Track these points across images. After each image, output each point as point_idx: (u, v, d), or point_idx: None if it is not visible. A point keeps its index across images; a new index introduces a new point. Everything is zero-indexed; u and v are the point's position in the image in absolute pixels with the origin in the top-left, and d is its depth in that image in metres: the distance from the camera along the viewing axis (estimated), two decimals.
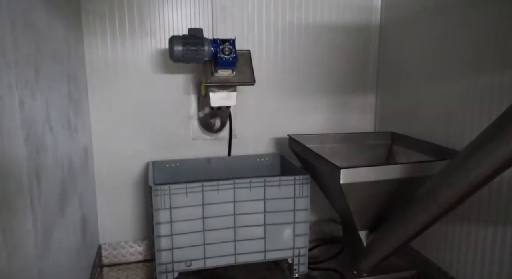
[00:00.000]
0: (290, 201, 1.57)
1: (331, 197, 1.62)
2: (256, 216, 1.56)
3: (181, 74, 1.82)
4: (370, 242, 1.49)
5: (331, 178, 1.36)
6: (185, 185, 1.47)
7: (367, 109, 2.07)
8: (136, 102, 1.79)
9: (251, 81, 1.55)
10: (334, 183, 1.34)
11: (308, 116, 2.01)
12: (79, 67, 1.58)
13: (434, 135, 1.65)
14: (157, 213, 1.46)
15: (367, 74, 2.04)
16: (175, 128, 1.86)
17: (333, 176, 1.32)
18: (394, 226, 1.35)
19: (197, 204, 1.49)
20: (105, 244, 1.87)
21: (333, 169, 1.30)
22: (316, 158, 1.48)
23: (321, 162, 1.42)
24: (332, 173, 1.33)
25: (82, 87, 1.64)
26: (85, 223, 1.54)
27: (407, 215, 1.28)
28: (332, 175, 1.32)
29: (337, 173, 1.28)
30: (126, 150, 1.82)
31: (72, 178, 1.34)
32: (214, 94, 1.55)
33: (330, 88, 2.01)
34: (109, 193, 1.83)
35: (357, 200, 1.37)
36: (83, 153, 1.58)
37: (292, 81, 1.96)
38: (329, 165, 1.34)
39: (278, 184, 1.55)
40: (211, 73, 1.51)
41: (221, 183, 1.50)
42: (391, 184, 1.34)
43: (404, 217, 1.30)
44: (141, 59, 1.77)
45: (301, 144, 1.65)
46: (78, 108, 1.51)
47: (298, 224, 1.59)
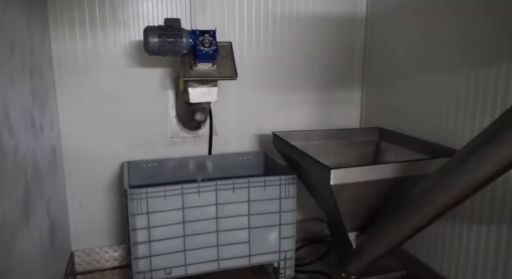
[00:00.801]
0: (275, 202, 1.49)
1: (319, 197, 1.54)
2: (240, 219, 1.47)
3: (157, 68, 1.70)
4: (360, 244, 1.42)
5: (320, 178, 1.28)
6: (163, 187, 1.37)
7: (352, 104, 2.00)
8: (109, 99, 1.67)
9: (233, 75, 1.45)
10: (323, 184, 1.27)
11: (292, 111, 1.92)
12: (44, 62, 1.45)
13: (424, 132, 1.59)
14: (133, 218, 1.35)
15: (352, 68, 1.97)
16: (151, 126, 1.75)
17: (322, 177, 1.24)
18: (386, 227, 1.28)
19: (177, 207, 1.39)
20: (78, 250, 1.75)
21: (323, 169, 1.22)
22: (303, 157, 1.39)
23: (309, 161, 1.34)
24: (321, 174, 1.25)
25: (49, 83, 1.51)
26: (54, 230, 1.42)
27: (400, 217, 1.21)
28: (322, 175, 1.24)
29: (327, 173, 1.19)
30: (99, 149, 1.70)
31: (38, 182, 1.22)
32: (193, 90, 1.44)
33: (314, 82, 1.93)
34: (82, 196, 1.71)
35: (348, 201, 1.29)
36: (51, 155, 1.46)
37: (275, 75, 1.87)
38: (318, 165, 1.26)
39: (263, 184, 1.47)
40: (190, 66, 1.40)
41: (202, 185, 1.41)
42: (384, 183, 1.27)
43: (397, 219, 1.23)
44: (114, 52, 1.64)
45: (286, 142, 1.57)
46: (44, 106, 1.39)
47: (284, 226, 1.51)
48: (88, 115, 1.66)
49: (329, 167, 1.19)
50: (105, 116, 1.68)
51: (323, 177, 1.22)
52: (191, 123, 1.73)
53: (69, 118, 1.64)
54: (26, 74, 1.17)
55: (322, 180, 1.25)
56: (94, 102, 1.66)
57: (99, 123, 1.68)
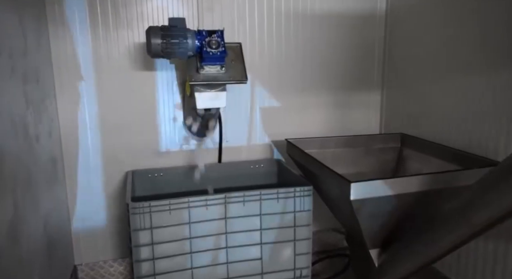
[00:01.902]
0: (289, 216, 1.37)
1: (337, 210, 1.42)
2: (251, 234, 1.35)
3: (163, 71, 1.60)
4: (384, 262, 1.29)
5: (338, 192, 1.16)
6: (168, 201, 1.26)
7: (371, 107, 1.87)
8: (113, 103, 1.57)
9: (243, 78, 1.34)
10: (342, 198, 1.14)
11: (307, 115, 1.80)
12: (42, 64, 1.36)
13: (451, 138, 1.45)
14: (135, 234, 1.25)
15: (371, 68, 1.84)
16: (158, 133, 1.65)
17: (341, 191, 1.12)
18: (413, 246, 1.15)
19: (183, 222, 1.29)
20: (81, 264, 1.66)
21: (342, 182, 1.10)
22: (320, 167, 1.27)
23: (326, 172, 1.22)
24: (340, 187, 1.12)
25: (48, 88, 1.42)
26: (52, 245, 1.33)
27: (430, 236, 1.09)
28: (340, 189, 1.12)
29: (346, 187, 1.07)
30: (103, 158, 1.60)
31: (31, 197, 1.13)
32: (200, 94, 1.34)
33: (331, 84, 1.81)
34: (85, 207, 1.62)
35: (369, 216, 1.17)
36: (49, 165, 1.36)
37: (289, 78, 1.75)
38: (336, 177, 1.14)
39: (276, 197, 1.35)
40: (197, 70, 1.30)
41: (210, 197, 1.30)
42: (410, 197, 1.14)
43: (426, 238, 1.10)
44: (117, 55, 1.54)
45: (301, 150, 1.45)
46: (41, 112, 1.29)
47: (299, 241, 1.39)
48: (91, 121, 1.56)
49: (349, 180, 1.07)
50: (108, 122, 1.58)
51: (342, 191, 1.10)
52: (200, 129, 1.62)
53: (70, 124, 1.54)
54: (17, 77, 1.07)
55: (341, 194, 1.13)
56: (97, 107, 1.56)
57: (102, 129, 1.58)
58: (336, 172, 1.14)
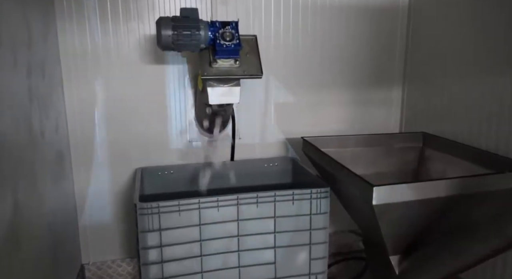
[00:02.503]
0: (305, 219, 1.30)
1: (356, 214, 1.35)
2: (265, 237, 1.29)
3: (175, 65, 1.53)
4: (405, 270, 1.22)
5: (359, 195, 1.09)
6: (177, 201, 1.20)
7: (392, 105, 1.79)
8: (122, 98, 1.52)
9: (258, 73, 1.27)
10: (363, 201, 1.07)
11: (324, 112, 1.73)
12: (49, 58, 1.31)
13: (478, 138, 1.36)
14: (143, 236, 1.19)
15: (392, 63, 1.75)
16: (168, 129, 1.59)
17: (362, 194, 1.04)
18: (439, 255, 1.08)
19: (193, 224, 1.22)
20: (89, 263, 1.61)
21: (363, 185, 1.02)
22: (339, 168, 1.20)
23: (346, 174, 1.14)
24: (361, 190, 1.05)
25: (55, 81, 1.37)
26: (58, 245, 1.28)
27: (457, 245, 1.01)
28: (362, 192, 1.05)
29: (368, 191, 1.00)
30: (111, 154, 1.55)
31: (34, 196, 1.07)
32: (212, 90, 1.27)
33: (349, 79, 1.72)
34: (93, 205, 1.57)
35: (392, 222, 1.09)
36: (55, 162, 1.31)
37: (306, 72, 1.68)
38: (358, 180, 1.06)
39: (291, 198, 1.28)
40: (209, 63, 1.23)
41: (221, 198, 1.23)
42: (437, 202, 1.06)
43: (454, 247, 1.03)
44: (126, 48, 1.48)
45: (318, 150, 1.37)
46: (47, 107, 1.24)
47: (315, 245, 1.32)
48: (99, 116, 1.51)
49: (372, 184, 0.99)
50: (117, 117, 1.52)
51: (364, 194, 1.03)
52: (212, 125, 1.55)
53: (79, 120, 1.49)
54: (20, 70, 1.02)
55: (362, 198, 1.06)
56: (106, 102, 1.51)
57: (111, 125, 1.52)
58: (358, 175, 1.06)
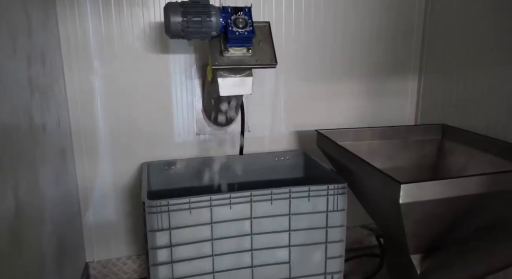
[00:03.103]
0: (321, 216, 1.24)
1: (375, 210, 1.28)
2: (279, 236, 1.22)
3: (182, 54, 1.46)
4: (428, 270, 1.16)
5: (383, 192, 1.02)
6: (188, 199, 1.13)
7: (407, 95, 1.71)
8: (126, 89, 1.44)
9: (272, 62, 1.19)
10: (387, 199, 1.01)
11: (336, 104, 1.66)
12: (49, 46, 1.23)
13: (501, 130, 1.30)
14: (152, 235, 1.13)
15: (408, 51, 1.67)
16: (175, 121, 1.51)
17: (387, 192, 0.98)
18: (467, 256, 1.02)
19: (204, 222, 1.16)
20: (93, 261, 1.55)
21: (389, 183, 0.96)
22: (359, 164, 1.13)
23: (368, 170, 1.08)
24: (385, 188, 0.98)
25: (56, 71, 1.29)
26: (63, 243, 1.22)
27: (487, 246, 0.95)
28: (386, 190, 0.98)
29: (394, 189, 0.93)
30: (115, 148, 1.48)
31: (35, 196, 1.00)
32: (223, 80, 1.19)
33: (362, 70, 1.65)
34: (97, 202, 1.50)
35: (417, 220, 1.03)
36: (57, 157, 1.24)
37: (317, 62, 1.60)
38: (383, 177, 0.99)
39: (307, 195, 1.21)
40: (220, 52, 1.15)
41: (234, 195, 1.17)
42: (466, 200, 0.99)
43: (483, 247, 0.96)
44: (131, 36, 1.41)
45: (335, 143, 1.31)
46: (48, 99, 1.17)
47: (332, 244, 1.26)
48: (103, 109, 1.44)
49: (398, 181, 0.93)
50: (122, 109, 1.45)
51: (389, 192, 0.96)
52: (220, 118, 1.48)
53: (81, 112, 1.42)
54: (20, 60, 0.94)
55: (386, 196, 0.99)
56: (109, 93, 1.43)
57: (115, 117, 1.45)
58: (383, 171, 1.00)
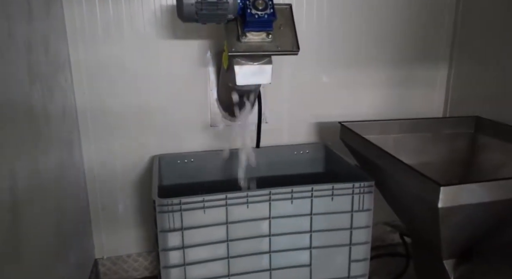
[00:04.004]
0: (345, 217, 1.14)
1: (405, 211, 1.19)
2: (300, 237, 1.13)
3: (195, 40, 1.36)
4: (461, 277, 1.06)
5: (419, 195, 0.92)
6: (202, 197, 1.05)
7: (435, 85, 1.59)
8: (136, 77, 1.35)
9: (294, 48, 1.09)
10: (422, 201, 0.91)
11: (359, 94, 1.55)
12: (53, 32, 1.14)
13: None
14: (163, 236, 1.05)
15: (438, 39, 1.55)
16: (187, 112, 1.42)
17: (424, 194, 0.88)
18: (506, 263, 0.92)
19: (220, 222, 1.07)
20: (103, 258, 1.48)
21: (427, 185, 0.86)
22: (389, 160, 1.03)
23: (402, 169, 0.97)
24: (423, 190, 0.88)
25: (61, 59, 1.21)
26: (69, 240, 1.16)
27: None
28: (424, 192, 0.88)
29: (433, 191, 0.83)
30: (125, 141, 1.39)
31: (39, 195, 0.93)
32: (241, 68, 1.09)
33: (387, 57, 1.53)
34: (106, 196, 1.43)
35: (455, 225, 0.93)
36: (63, 148, 1.17)
37: (340, 49, 1.49)
38: (419, 177, 0.89)
39: (330, 193, 1.12)
40: (237, 37, 1.05)
41: (252, 194, 1.08)
42: (509, 204, 0.89)
43: None
44: (141, 20, 1.31)
45: (360, 137, 1.20)
46: (52, 89, 1.08)
47: (356, 246, 1.17)
48: (111, 99, 1.35)
49: (438, 183, 0.82)
50: (132, 99, 1.37)
51: (426, 194, 0.86)
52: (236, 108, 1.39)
53: (89, 101, 1.33)
54: (17, 46, 0.85)
55: (422, 197, 0.90)
56: (117, 82, 1.34)
57: (125, 108, 1.37)
58: (420, 171, 0.89)
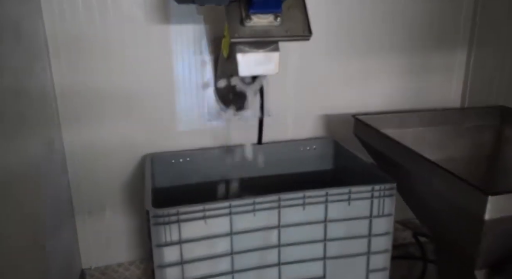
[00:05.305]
0: (363, 223, 1.02)
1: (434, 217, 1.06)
2: (313, 247, 1.01)
3: (190, 25, 1.21)
4: None
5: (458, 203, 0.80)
6: (202, 206, 0.91)
7: (453, 72, 1.46)
8: (124, 67, 1.20)
9: (306, 33, 0.94)
10: (462, 211, 0.78)
11: (371, 83, 1.41)
12: (27, 17, 0.98)
13: None
14: (159, 251, 0.91)
15: (457, 21, 1.41)
16: (182, 105, 1.28)
17: (466, 203, 0.75)
18: None
19: (223, 233, 0.94)
20: (90, 268, 1.35)
21: (469, 193, 0.73)
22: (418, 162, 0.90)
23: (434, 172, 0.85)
24: (464, 199, 0.76)
25: (37, 48, 1.05)
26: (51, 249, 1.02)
27: None
28: (464, 201, 0.76)
29: (478, 201, 0.70)
30: (113, 139, 1.25)
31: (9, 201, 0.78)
32: (244, 56, 0.95)
33: (402, 42, 1.39)
34: (92, 201, 1.29)
35: (497, 236, 0.81)
36: (45, 152, 1.03)
37: (351, 33, 1.35)
38: (459, 183, 0.76)
39: (347, 197, 0.99)
40: (240, 21, 0.90)
41: (259, 200, 0.94)
42: None
43: None
44: (128, 2, 1.15)
45: (380, 133, 1.07)
46: (26, 82, 0.94)
47: (375, 255, 1.05)
48: (96, 92, 1.20)
49: (484, 192, 0.70)
50: (118, 92, 1.21)
51: (469, 204, 0.74)
52: (236, 100, 1.24)
53: (71, 97, 1.18)
54: None
55: (463, 207, 0.77)
56: (103, 72, 1.19)
57: (111, 102, 1.22)
58: (461, 177, 0.76)
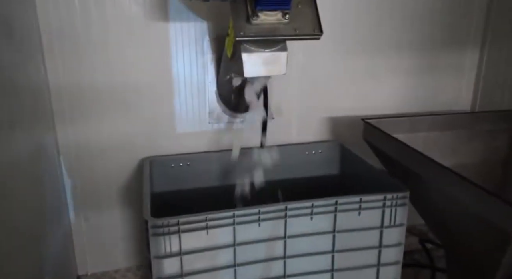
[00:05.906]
0: (374, 234, 0.96)
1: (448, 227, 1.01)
2: (320, 258, 0.96)
3: (191, 22, 1.15)
4: None
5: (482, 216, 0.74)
6: (204, 215, 0.86)
7: (463, 73, 1.41)
8: (122, 66, 1.14)
9: (316, 32, 0.88)
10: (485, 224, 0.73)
11: (378, 84, 1.36)
12: (20, 14, 0.92)
13: None
14: (158, 263, 0.86)
15: (469, 19, 1.36)
16: (182, 107, 1.22)
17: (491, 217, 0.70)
18: None
19: (226, 244, 0.89)
20: (86, 275, 1.29)
21: (497, 206, 0.67)
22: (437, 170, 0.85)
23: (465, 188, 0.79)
24: (489, 212, 0.70)
25: (31, 46, 0.99)
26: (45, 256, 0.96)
27: None
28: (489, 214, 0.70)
29: (507, 216, 0.65)
30: (109, 142, 1.19)
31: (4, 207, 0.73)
32: (250, 56, 0.89)
33: (411, 41, 1.34)
34: (88, 206, 1.23)
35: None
36: (37, 157, 0.97)
37: (358, 32, 1.29)
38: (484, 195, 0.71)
39: (357, 207, 0.94)
40: (247, 18, 0.84)
41: (264, 210, 0.89)
42: None
43: None
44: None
45: (393, 138, 1.02)
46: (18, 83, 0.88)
47: (385, 267, 0.99)
48: (93, 93, 1.14)
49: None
50: (116, 93, 1.16)
51: (494, 218, 0.68)
52: (239, 103, 1.19)
53: (66, 96, 1.12)
54: None
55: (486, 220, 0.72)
56: (100, 71, 1.13)
57: (108, 104, 1.16)
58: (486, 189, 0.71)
